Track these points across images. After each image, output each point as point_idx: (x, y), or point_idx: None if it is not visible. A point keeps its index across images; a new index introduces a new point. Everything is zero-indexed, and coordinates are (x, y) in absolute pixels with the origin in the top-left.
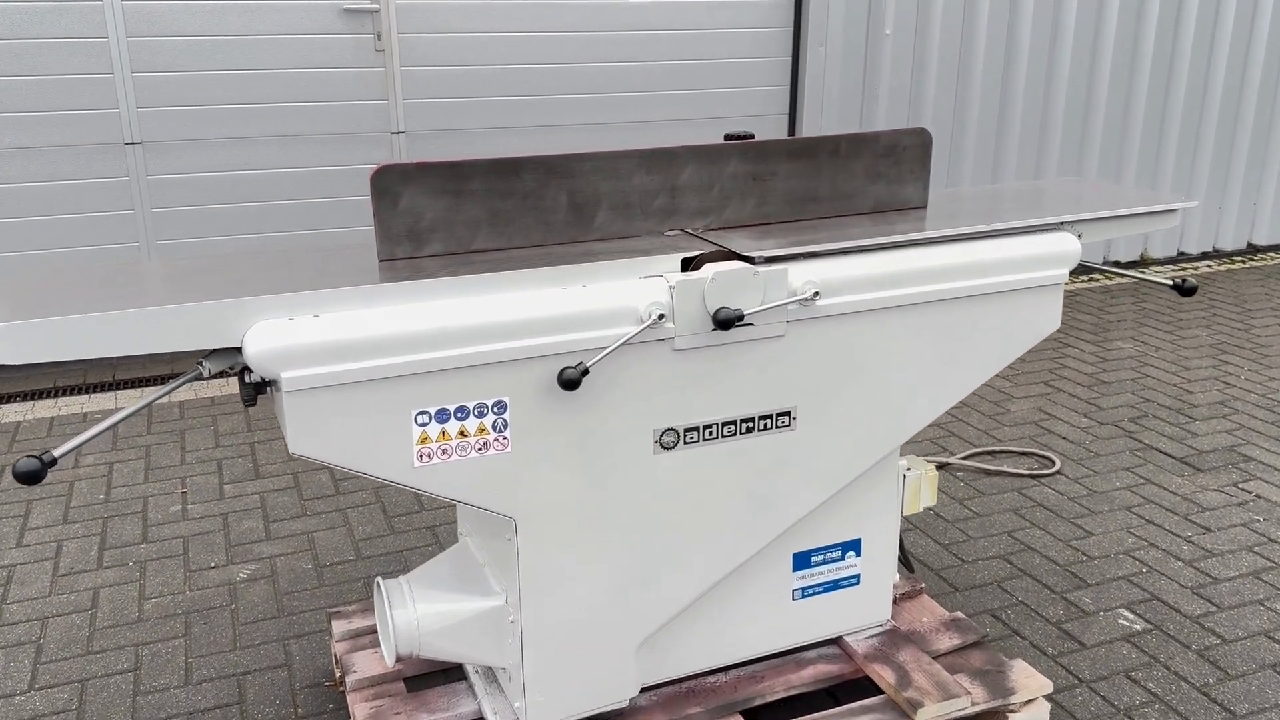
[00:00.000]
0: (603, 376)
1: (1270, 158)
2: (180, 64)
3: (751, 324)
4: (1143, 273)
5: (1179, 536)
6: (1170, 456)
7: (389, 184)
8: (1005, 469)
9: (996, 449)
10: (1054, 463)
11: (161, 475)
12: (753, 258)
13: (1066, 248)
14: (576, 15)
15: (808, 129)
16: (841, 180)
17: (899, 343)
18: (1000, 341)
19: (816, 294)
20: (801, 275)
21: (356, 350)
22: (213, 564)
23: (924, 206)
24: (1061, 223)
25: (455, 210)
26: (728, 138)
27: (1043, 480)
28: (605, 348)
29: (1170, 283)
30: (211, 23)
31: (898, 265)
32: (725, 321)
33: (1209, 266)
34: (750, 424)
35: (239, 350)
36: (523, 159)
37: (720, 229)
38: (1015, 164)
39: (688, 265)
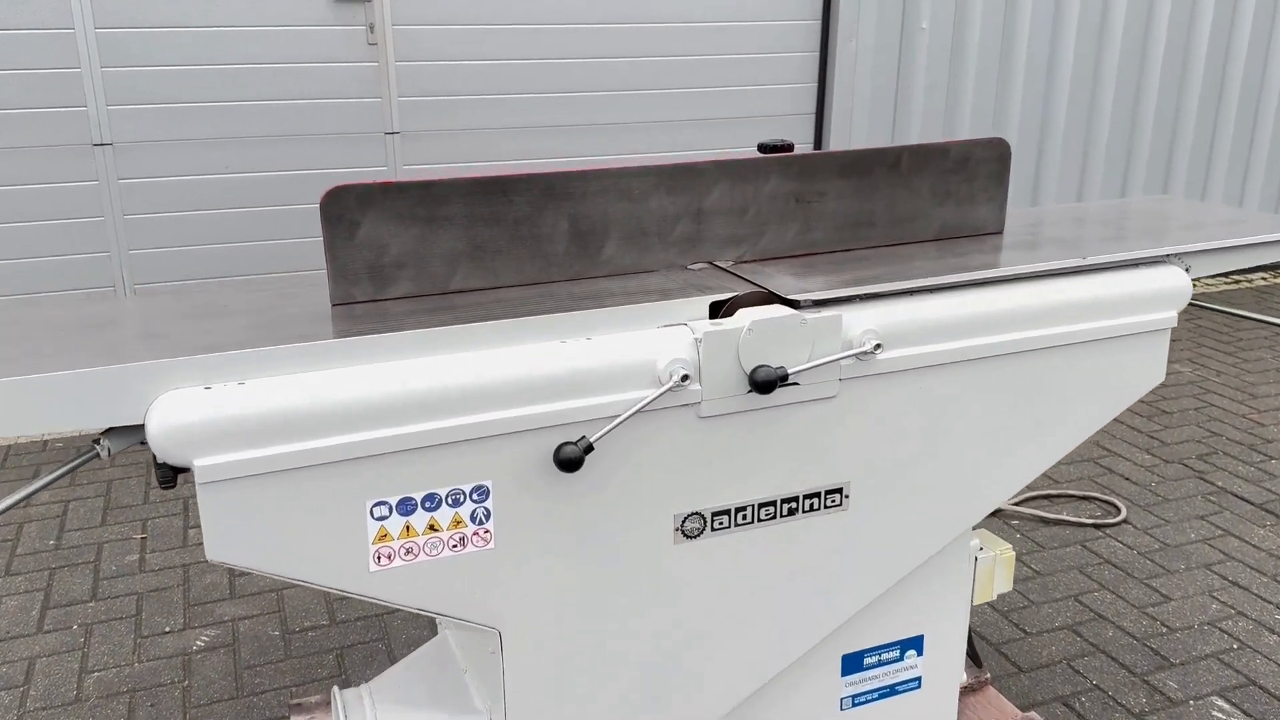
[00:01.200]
0: (611, 452)
1: None
2: (154, 58)
3: (797, 383)
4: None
5: (1270, 603)
6: (1248, 503)
7: (344, 209)
8: (1065, 517)
9: (1054, 493)
10: (1119, 510)
11: (121, 516)
12: (798, 301)
13: (1175, 284)
14: (586, 6)
15: (836, 130)
16: (902, 201)
17: (975, 403)
18: (1095, 399)
19: (878, 346)
20: (858, 322)
21: (293, 427)
22: (167, 628)
23: (1000, 232)
24: (1167, 255)
25: (428, 241)
26: (762, 149)
27: (1108, 531)
28: (615, 417)
29: None
30: (188, 13)
31: (975, 308)
32: (765, 384)
33: (1264, 279)
34: (793, 505)
35: (143, 428)
36: (513, 178)
37: (756, 261)
38: (1058, 174)
39: (717, 310)
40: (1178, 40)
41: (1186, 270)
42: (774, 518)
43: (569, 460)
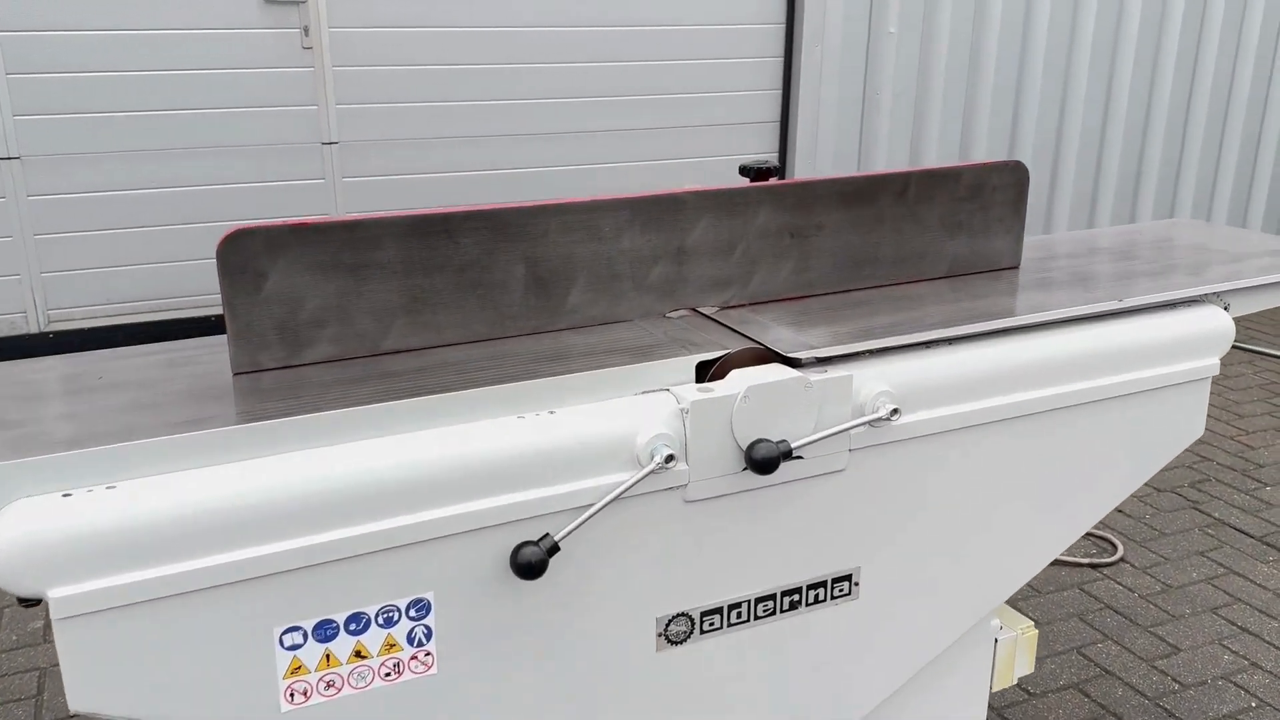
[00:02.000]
0: (580, 549)
1: None
2: (66, 64)
3: (801, 457)
4: None
5: None
6: (1248, 535)
7: (248, 257)
8: (1062, 557)
9: None
10: (1115, 546)
11: None
12: (800, 359)
13: (1216, 326)
14: (538, 9)
15: (802, 140)
16: (910, 234)
17: (1000, 469)
18: (1130, 458)
19: (895, 411)
20: (870, 382)
21: (177, 543)
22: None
23: (1016, 267)
24: (1208, 294)
25: (355, 293)
26: (745, 172)
27: (1106, 571)
28: (586, 508)
29: None
30: (103, 15)
31: (1001, 360)
32: (766, 462)
33: None
34: (795, 597)
35: None
36: (458, 215)
37: (746, 306)
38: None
39: (705, 371)
40: (1148, 40)
41: (1226, 309)
42: (773, 613)
43: (530, 565)
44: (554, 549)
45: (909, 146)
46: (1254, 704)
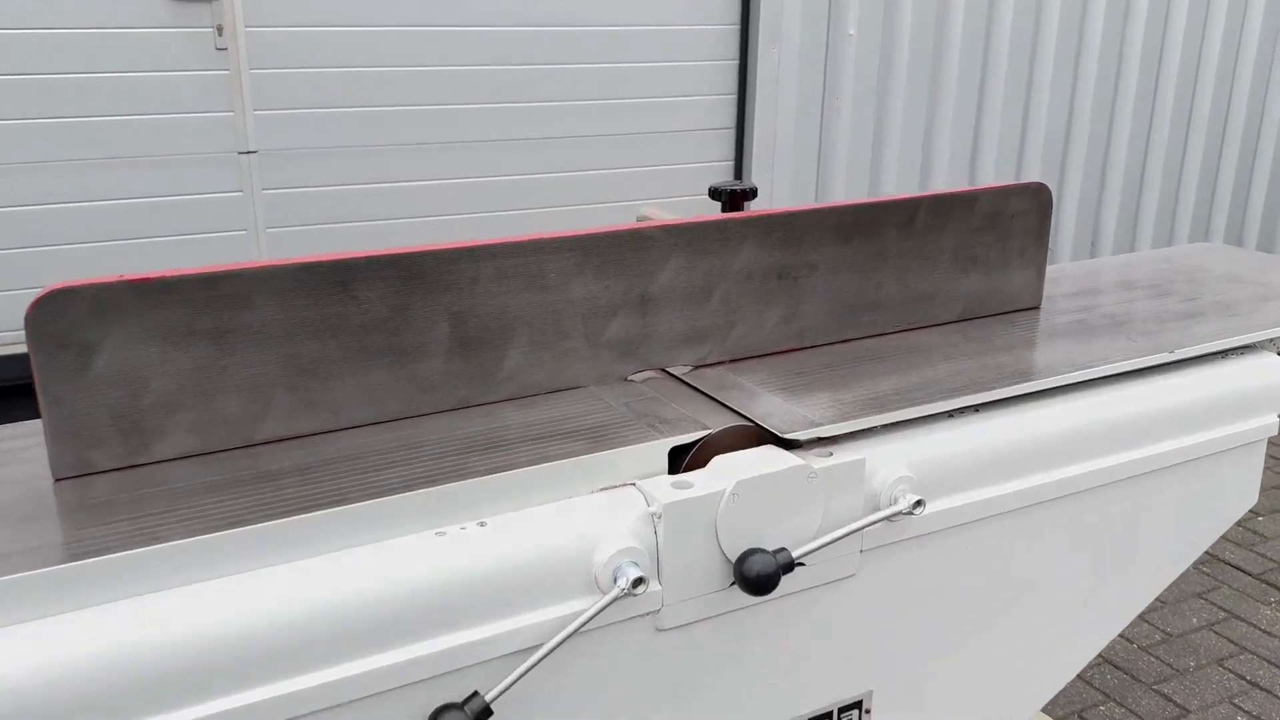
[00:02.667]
0: (523, 702)
1: None
2: None
3: (803, 564)
4: None
5: None
6: (1244, 573)
7: (68, 326)
8: None
9: None
10: None
11: None
12: (798, 440)
13: (1275, 379)
14: (475, 7)
15: (759, 146)
16: (918, 271)
17: (1036, 560)
18: (1181, 535)
19: (919, 503)
20: (886, 463)
21: None
22: None
23: (1037, 306)
24: (1260, 340)
25: (219, 368)
26: (716, 195)
27: None
28: (528, 653)
29: None
30: None
31: (1040, 429)
32: (762, 581)
33: None
34: None
35: None
36: (358, 262)
37: (725, 364)
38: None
39: (680, 459)
40: (1113, 36)
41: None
42: None
43: None
44: (484, 713)
45: (870, 153)
46: None
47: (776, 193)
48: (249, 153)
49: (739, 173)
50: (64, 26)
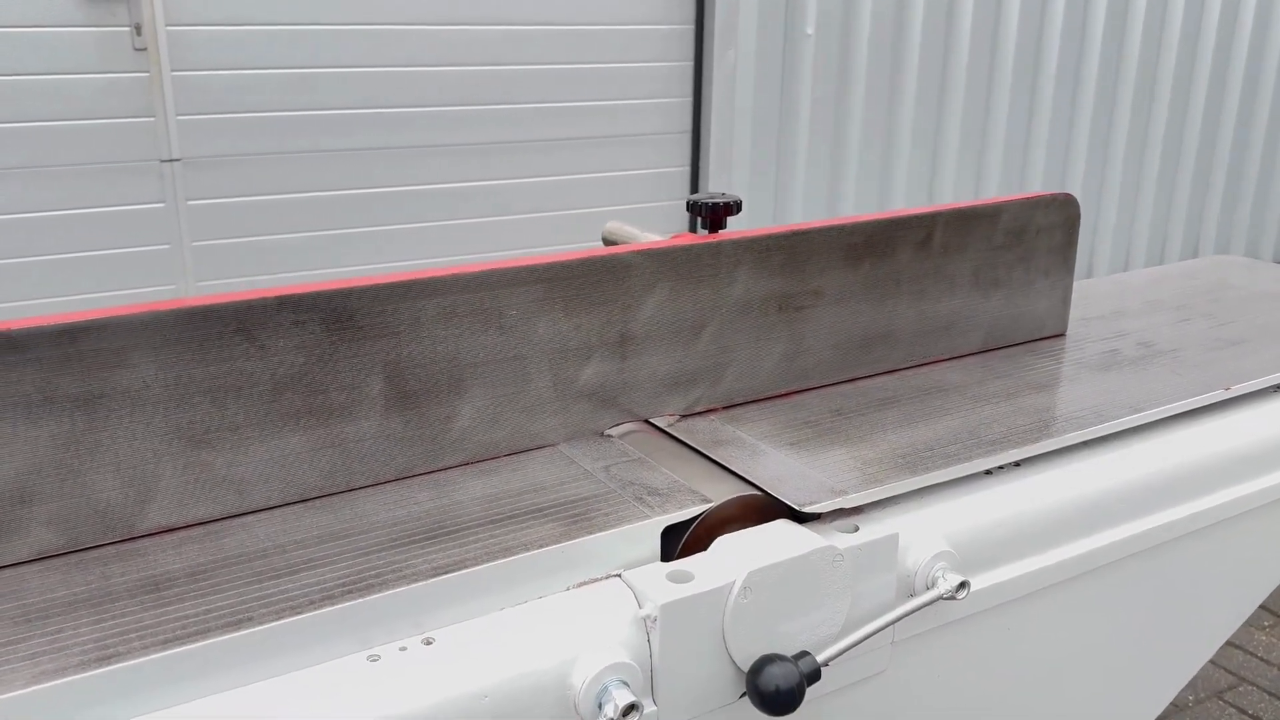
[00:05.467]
0: None
1: None
2: None
3: (828, 664)
4: None
5: None
6: None
7: None
8: None
9: None
10: None
11: None
12: (818, 513)
13: None
14: (417, 4)
15: (715, 150)
16: (935, 297)
17: (1090, 632)
18: (1235, 592)
19: (963, 585)
20: (922, 536)
21: None
22: None
23: (1063, 334)
24: None
25: (88, 444)
26: (696, 209)
27: None
28: None
29: None
30: None
31: (1093, 485)
32: (782, 698)
33: None
34: None
35: None
36: (263, 303)
37: (719, 412)
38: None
39: (675, 539)
40: (1073, 33)
41: None
42: None
43: None
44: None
45: (830, 155)
46: None
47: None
48: (172, 160)
49: (695, 178)
50: None
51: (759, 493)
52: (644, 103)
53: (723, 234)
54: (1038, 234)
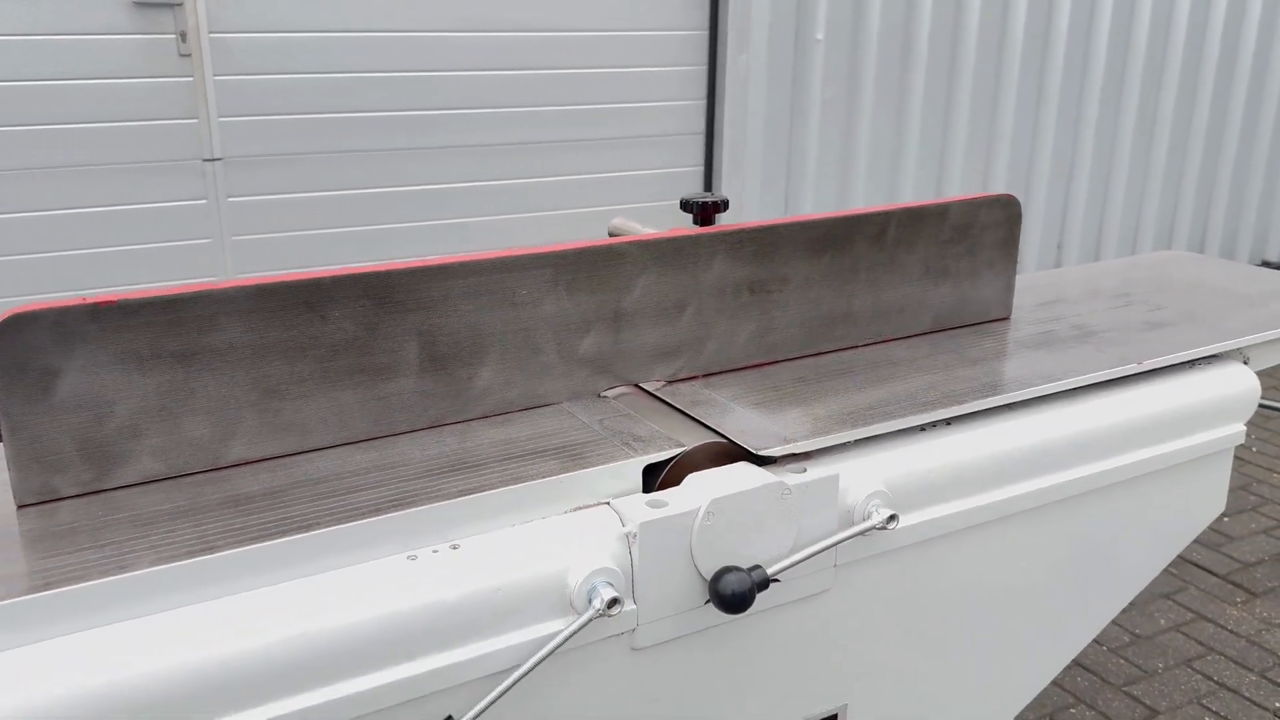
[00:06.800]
0: None
1: None
2: None
3: (778, 580)
4: None
5: (1267, 710)
6: (1212, 574)
7: (30, 352)
8: None
9: None
10: None
11: None
12: (773, 456)
13: (1242, 388)
14: (442, 12)
15: (729, 152)
16: (889, 284)
17: (1010, 570)
18: (1149, 543)
19: (893, 518)
20: (859, 479)
21: None
22: None
23: (1007, 318)
24: (1228, 349)
25: (185, 391)
26: (687, 207)
27: None
28: (505, 675)
29: None
30: None
31: (1013, 442)
32: (737, 599)
33: None
34: None
35: None
36: (325, 281)
37: (698, 379)
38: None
39: (654, 477)
40: (1078, 39)
41: (1245, 363)
42: None
43: None
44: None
45: (839, 157)
46: None
47: (747, 197)
48: (214, 160)
49: (709, 178)
50: (23, 33)
51: (724, 440)
52: (660, 105)
53: (701, 229)
54: (982, 230)
